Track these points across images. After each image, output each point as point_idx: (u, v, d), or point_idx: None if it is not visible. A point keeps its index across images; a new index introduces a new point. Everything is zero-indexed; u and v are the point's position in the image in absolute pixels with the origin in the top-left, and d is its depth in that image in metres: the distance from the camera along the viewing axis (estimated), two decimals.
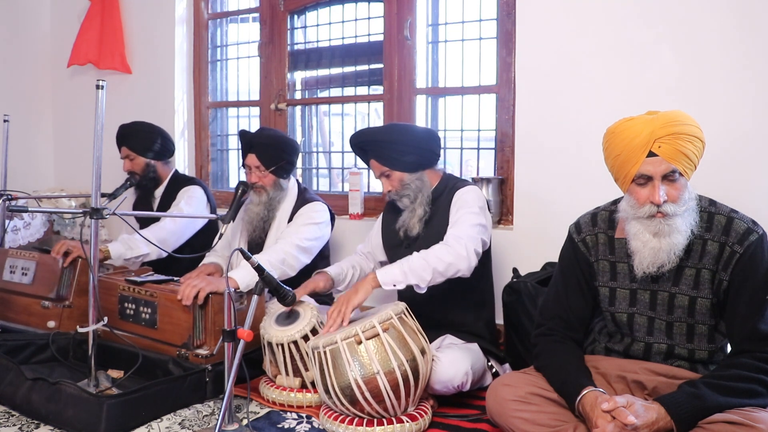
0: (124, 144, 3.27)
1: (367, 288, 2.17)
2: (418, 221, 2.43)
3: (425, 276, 2.15)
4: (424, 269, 2.15)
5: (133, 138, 3.26)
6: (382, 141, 2.42)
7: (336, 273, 2.57)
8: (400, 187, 2.44)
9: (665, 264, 1.72)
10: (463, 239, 2.21)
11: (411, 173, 2.43)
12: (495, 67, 3.15)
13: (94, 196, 2.17)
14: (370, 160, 2.50)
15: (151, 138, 3.27)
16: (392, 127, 2.56)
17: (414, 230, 2.43)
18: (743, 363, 1.65)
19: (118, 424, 1.99)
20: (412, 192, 2.43)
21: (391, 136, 2.43)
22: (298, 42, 3.86)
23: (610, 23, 2.72)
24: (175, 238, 3.07)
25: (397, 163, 2.42)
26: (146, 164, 3.27)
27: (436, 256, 2.17)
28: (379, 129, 2.55)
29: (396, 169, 2.43)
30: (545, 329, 1.94)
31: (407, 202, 2.44)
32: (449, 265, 2.17)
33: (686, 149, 1.67)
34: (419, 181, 2.43)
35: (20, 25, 4.48)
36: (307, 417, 2.18)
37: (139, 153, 3.25)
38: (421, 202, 2.43)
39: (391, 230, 2.54)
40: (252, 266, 1.96)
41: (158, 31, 4.10)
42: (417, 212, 2.43)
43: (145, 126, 3.32)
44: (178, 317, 2.43)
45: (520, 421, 1.75)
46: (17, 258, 2.91)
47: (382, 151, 2.43)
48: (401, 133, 2.45)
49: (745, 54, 2.47)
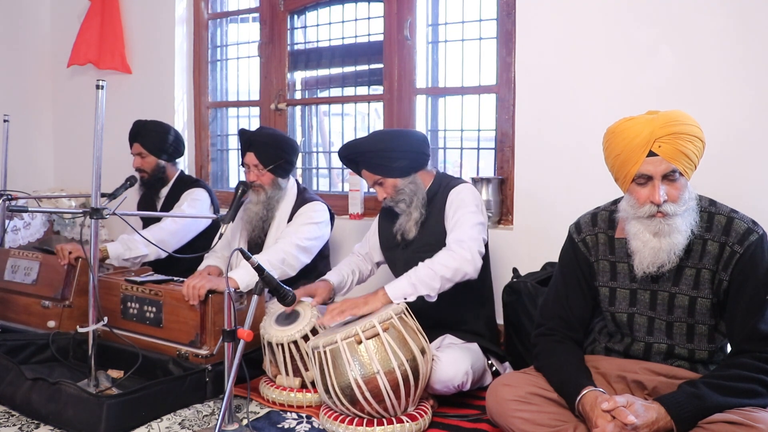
0: (137, 141, 3.25)
1: (377, 305, 2.14)
2: (415, 225, 2.42)
3: (434, 285, 2.15)
4: (432, 278, 2.15)
5: (147, 136, 3.24)
6: (371, 151, 2.41)
7: (338, 282, 2.57)
8: (394, 194, 2.43)
9: (665, 264, 1.72)
10: (466, 242, 2.21)
11: (404, 178, 2.42)
12: (495, 67, 3.15)
13: (94, 196, 2.17)
14: (361, 171, 2.49)
15: (165, 139, 3.25)
16: (379, 136, 2.53)
17: (411, 233, 2.43)
18: (743, 363, 1.65)
19: (118, 424, 1.99)
20: (407, 196, 2.42)
21: (379, 145, 2.41)
22: (298, 42, 3.86)
23: (610, 23, 2.72)
24: (175, 240, 3.07)
25: (389, 170, 2.41)
26: (156, 164, 3.26)
27: (442, 263, 2.17)
28: (366, 139, 2.52)
29: (388, 176, 2.42)
30: (545, 329, 1.94)
31: (404, 206, 2.43)
32: (456, 271, 2.16)
33: (686, 149, 1.67)
34: (413, 184, 2.43)
35: (20, 25, 4.48)
36: (307, 417, 2.18)
37: (152, 152, 3.24)
38: (417, 205, 2.42)
39: (388, 233, 2.54)
40: (252, 266, 1.96)
41: (158, 31, 4.11)
42: (413, 216, 2.42)
43: (161, 126, 3.30)
44: (185, 315, 2.43)
45: (520, 421, 1.75)
46: (19, 258, 2.91)
47: (372, 161, 2.42)
48: (388, 140, 2.43)
49: (744, 53, 2.47)
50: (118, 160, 3.30)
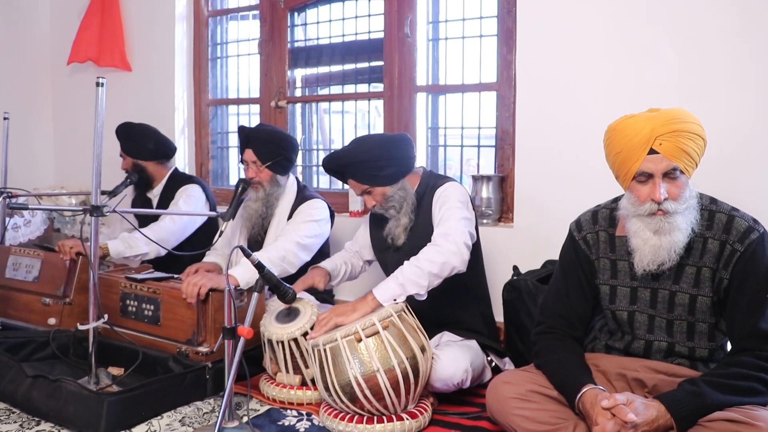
0: (119, 142, 3.28)
1: (366, 310, 2.12)
2: (404, 231, 2.40)
3: (422, 282, 2.13)
4: (419, 276, 2.12)
5: (123, 138, 3.26)
6: (356, 162, 2.37)
7: (332, 268, 2.58)
8: (383, 201, 2.41)
9: (666, 262, 1.72)
10: (451, 235, 2.19)
11: (392, 185, 2.39)
12: (495, 65, 3.14)
13: (94, 193, 2.17)
14: (348, 180, 2.46)
15: (141, 141, 3.25)
16: (362, 145, 2.42)
17: (400, 239, 2.41)
18: (744, 361, 1.64)
19: (119, 422, 1.99)
20: (397, 203, 2.40)
21: (365, 156, 2.36)
22: (299, 39, 3.85)
23: (612, 21, 2.71)
24: (174, 238, 3.07)
25: (376, 179, 2.37)
26: (134, 164, 3.26)
27: (427, 259, 2.14)
28: (350, 150, 2.43)
29: (376, 185, 2.38)
30: (545, 327, 1.94)
31: (393, 212, 2.42)
32: (443, 265, 2.14)
33: (687, 147, 1.67)
34: (402, 190, 2.40)
35: (20, 23, 4.48)
36: (307, 414, 2.18)
37: (129, 154, 3.26)
38: (406, 211, 2.40)
39: (379, 235, 2.53)
40: (252, 263, 1.96)
41: (158, 29, 4.10)
42: (402, 221, 2.40)
43: (137, 128, 3.29)
44: (182, 314, 2.43)
45: (520, 419, 1.75)
46: (21, 255, 2.91)
47: (358, 171, 2.38)
48: (373, 149, 2.37)
49: (747, 52, 2.47)
50: (118, 157, 3.30)
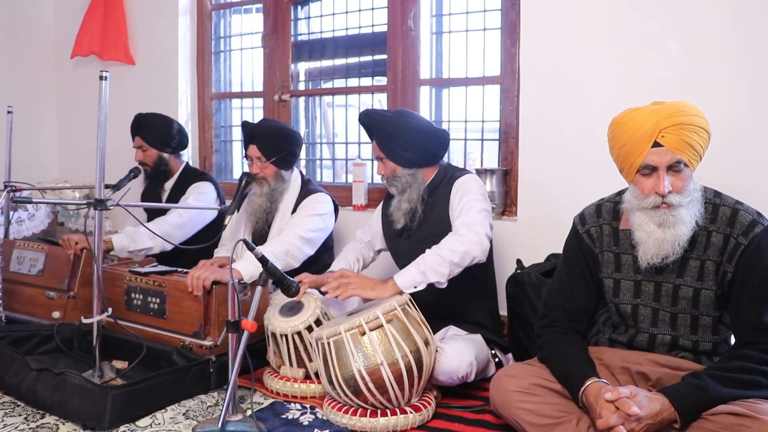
0: (138, 134, 3.23)
1: (384, 294, 2.15)
2: (403, 215, 2.42)
3: (443, 271, 2.15)
4: (440, 264, 2.15)
5: (149, 129, 3.22)
6: (386, 131, 2.40)
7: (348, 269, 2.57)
8: (391, 176, 2.45)
9: (669, 255, 1.71)
10: (473, 225, 2.22)
11: (405, 168, 2.42)
12: (499, 58, 3.13)
13: (98, 187, 2.18)
14: (372, 140, 2.50)
15: (168, 132, 3.23)
16: (400, 119, 2.41)
17: (399, 223, 2.43)
18: (747, 355, 1.64)
19: (123, 415, 2.00)
20: (401, 185, 2.42)
21: (395, 129, 2.38)
22: (302, 33, 3.84)
23: (615, 14, 2.70)
24: (181, 233, 3.05)
25: (394, 156, 2.41)
26: (159, 157, 3.24)
27: (449, 248, 2.17)
28: (387, 117, 2.44)
29: (391, 159, 2.42)
30: (549, 320, 1.94)
31: (395, 191, 2.45)
32: (464, 254, 2.16)
33: (691, 140, 1.66)
34: (411, 177, 2.42)
35: (23, 17, 4.48)
36: (311, 407, 2.19)
37: (154, 145, 3.22)
38: (408, 198, 2.41)
39: (390, 222, 2.54)
40: (256, 257, 1.96)
41: (161, 22, 4.10)
42: (402, 207, 2.42)
43: (163, 119, 3.27)
44: (189, 306, 2.43)
45: (523, 412, 1.76)
46: (25, 249, 2.92)
47: (383, 139, 2.42)
48: (407, 128, 2.39)
49: (750, 44, 2.45)
50: (122, 151, 3.30)
